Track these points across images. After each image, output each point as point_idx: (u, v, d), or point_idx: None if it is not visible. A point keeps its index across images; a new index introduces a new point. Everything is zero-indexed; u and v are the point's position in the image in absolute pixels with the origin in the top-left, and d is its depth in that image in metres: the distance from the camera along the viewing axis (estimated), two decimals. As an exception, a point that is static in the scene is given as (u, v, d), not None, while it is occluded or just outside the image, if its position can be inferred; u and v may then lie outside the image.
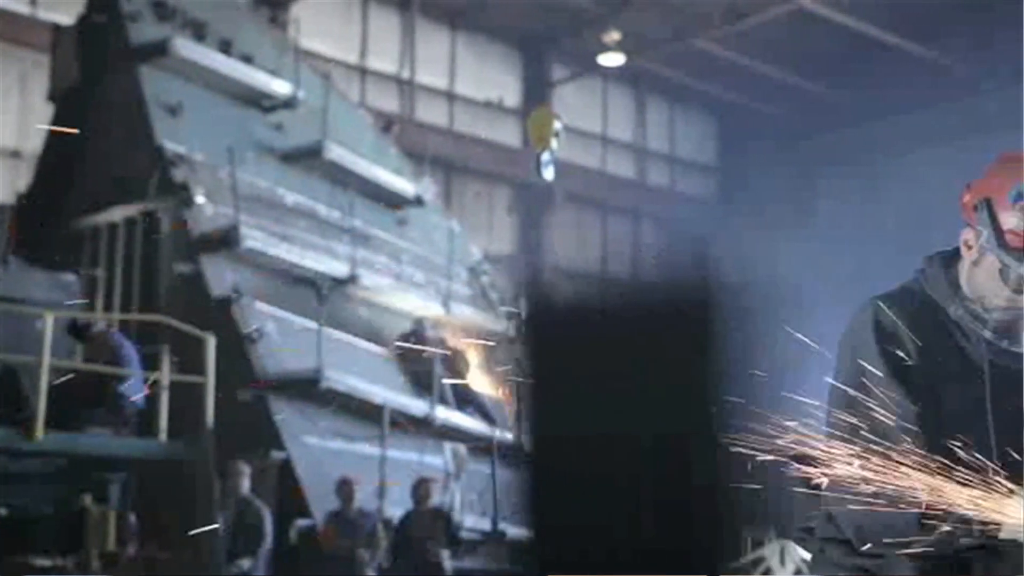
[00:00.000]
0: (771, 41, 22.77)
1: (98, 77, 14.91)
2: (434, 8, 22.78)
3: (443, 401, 14.82)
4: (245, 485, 11.63)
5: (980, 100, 22.00)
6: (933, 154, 21.48)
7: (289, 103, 16.19)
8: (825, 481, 2.66)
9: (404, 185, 17.39)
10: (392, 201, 17.25)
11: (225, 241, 14.11)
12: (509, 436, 15.35)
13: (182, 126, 14.77)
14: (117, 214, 14.49)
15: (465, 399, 15.48)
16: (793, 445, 2.64)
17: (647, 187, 26.00)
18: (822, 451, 2.62)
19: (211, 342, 11.39)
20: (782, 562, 12.95)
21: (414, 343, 15.42)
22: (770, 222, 25.43)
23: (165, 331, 11.85)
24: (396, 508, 12.76)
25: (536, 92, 24.37)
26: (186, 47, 15.01)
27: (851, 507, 2.63)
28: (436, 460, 14.27)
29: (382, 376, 14.73)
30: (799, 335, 2.88)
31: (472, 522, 14.27)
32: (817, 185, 25.40)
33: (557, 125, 15.63)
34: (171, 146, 14.48)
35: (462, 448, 14.43)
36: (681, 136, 26.66)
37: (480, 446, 14.80)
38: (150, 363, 11.33)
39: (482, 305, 17.93)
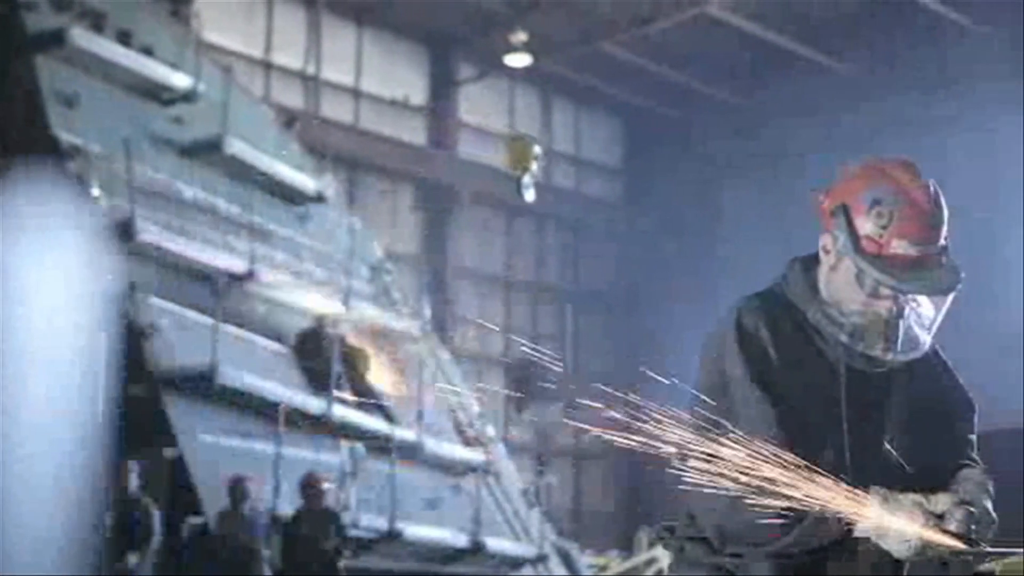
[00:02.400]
0: (677, 46, 22.96)
1: (-8, 66, 14.61)
2: (340, 4, 22.67)
3: (341, 399, 14.73)
4: (133, 482, 11.45)
5: (879, 107, 22.37)
6: (834, 159, 21.75)
7: (189, 96, 15.97)
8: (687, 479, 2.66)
9: (305, 181, 17.25)
10: (293, 197, 17.11)
11: (120, 234, 13.88)
12: (409, 435, 15.37)
13: (78, 117, 14.51)
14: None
15: (364, 397, 15.40)
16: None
17: (552, 188, 26.05)
18: (684, 449, 2.62)
19: (103, 336, 11.20)
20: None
21: (314, 340, 15.33)
22: (675, 224, 25.70)
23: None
24: (291, 507, 12.64)
25: (442, 91, 24.36)
26: (83, 37, 14.74)
27: (711, 506, 2.63)
28: (333, 458, 14.19)
29: (280, 373, 14.61)
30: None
31: (369, 521, 14.23)
32: (722, 188, 25.67)
33: (536, 150, 15.86)
34: (67, 137, 14.21)
35: (359, 447, 14.37)
36: (587, 138, 26.78)
37: (379, 445, 14.75)
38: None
39: (384, 303, 17.85)
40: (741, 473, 2.57)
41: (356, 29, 23.25)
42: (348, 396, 14.97)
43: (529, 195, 15.68)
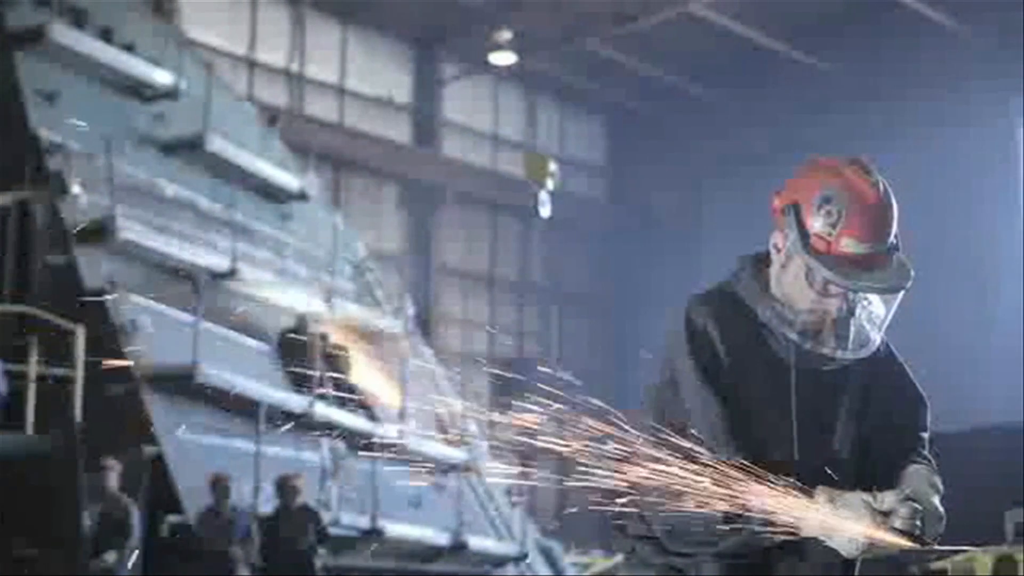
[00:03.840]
0: (661, 44, 22.98)
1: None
2: (324, 2, 22.64)
3: (323, 398, 14.70)
4: (113, 480, 11.41)
5: (862, 108, 22.42)
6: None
7: (170, 93, 15.93)
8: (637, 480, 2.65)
9: (288, 179, 17.23)
10: (276, 195, 17.08)
11: (100, 232, 13.84)
12: (392, 433, 15.33)
13: (59, 114, 14.44)
14: (-10, 202, 14.15)
15: (347, 396, 15.37)
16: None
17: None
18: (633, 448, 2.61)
19: (80, 334, 11.16)
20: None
21: (296, 339, 15.28)
22: (658, 222, 25.72)
23: (36, 323, 11.61)
24: (271, 505, 12.62)
25: (427, 89, 24.33)
26: (64, 34, 14.68)
27: (661, 506, 2.63)
28: (314, 457, 14.17)
29: (261, 372, 14.57)
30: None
31: (350, 519, 14.21)
32: (703, 185, 25.70)
33: (552, 166, 16.12)
34: (47, 134, 14.15)
35: (340, 445, 14.35)
36: (571, 136, 26.77)
37: (361, 443, 14.71)
38: (18, 355, 11.08)
39: (367, 302, 17.83)
40: (689, 473, 2.56)
41: (340, 27, 23.22)
42: (330, 394, 14.95)
43: (545, 211, 16.14)
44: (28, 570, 10.63)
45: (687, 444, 2.61)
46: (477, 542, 15.82)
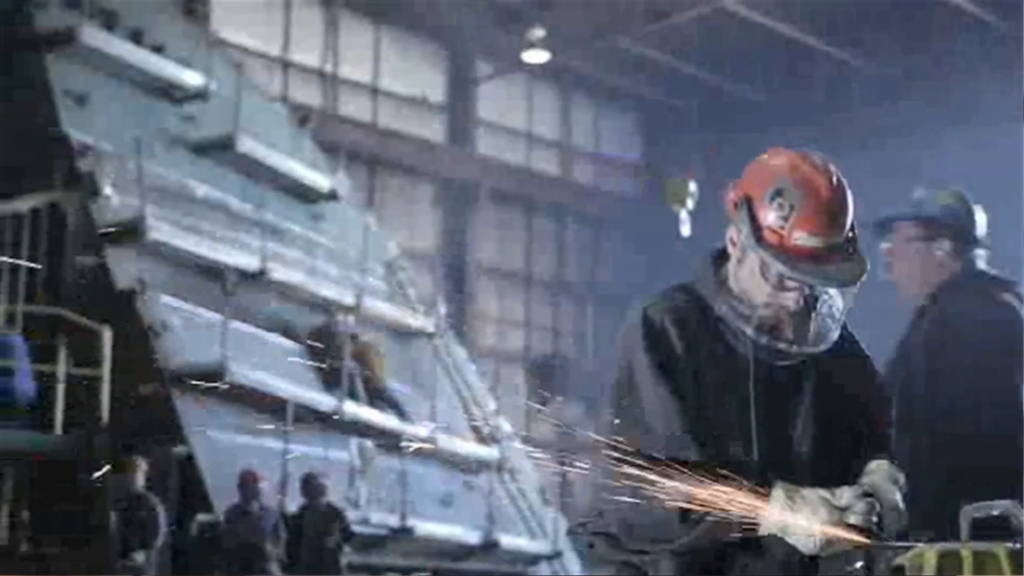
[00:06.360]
0: (694, 40, 22.88)
1: (4, 64, 14.66)
2: (358, 1, 22.67)
3: (353, 396, 14.73)
4: (140, 480, 11.48)
5: (898, 104, 22.22)
6: (853, 156, 21.64)
7: (201, 94, 16.01)
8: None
9: (319, 179, 17.28)
10: (306, 195, 17.13)
11: (131, 233, 13.92)
12: (422, 431, 15.35)
13: (89, 116, 14.57)
14: (22, 204, 14.25)
15: (377, 394, 15.41)
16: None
17: (572, 184, 26.02)
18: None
19: (107, 335, 11.23)
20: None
21: (326, 338, 15.32)
22: (695, 219, 25.56)
23: (66, 324, 11.70)
24: (296, 504, 12.66)
25: (461, 88, 24.34)
26: (94, 35, 14.80)
27: (618, 503, 2.60)
28: (342, 455, 14.19)
29: (291, 370, 14.61)
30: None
31: (380, 518, 14.23)
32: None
33: (692, 187, 16.61)
34: (77, 136, 14.27)
35: (369, 443, 14.37)
36: (606, 133, 26.69)
37: (391, 442, 14.74)
38: (48, 356, 11.16)
39: (399, 301, 17.85)
40: (644, 469, 2.53)
41: (374, 27, 23.25)
42: (360, 393, 14.98)
43: (686, 229, 16.86)
44: (56, 569, 10.71)
45: (645, 439, 2.58)
46: (509, 540, 15.80)
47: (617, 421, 2.66)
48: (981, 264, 4.27)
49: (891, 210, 4.35)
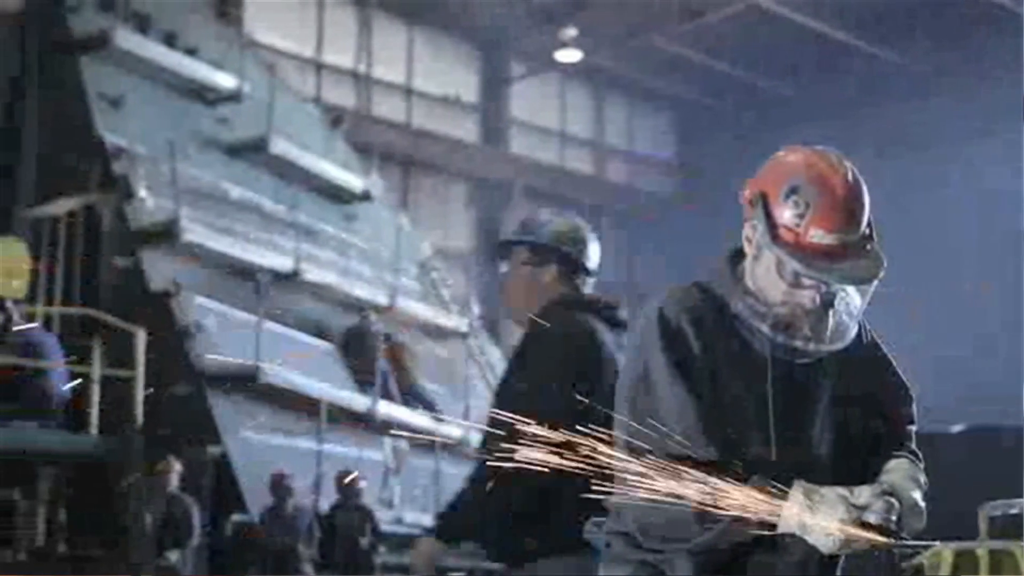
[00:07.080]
0: (727, 38, 22.81)
1: (39, 68, 14.78)
2: (391, 2, 22.72)
3: (387, 396, 14.75)
4: (174, 480, 11.54)
5: (931, 99, 22.08)
6: (888, 152, 21.53)
7: (234, 96, 16.09)
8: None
9: (352, 180, 17.32)
10: (339, 196, 17.18)
11: (165, 235, 14.01)
12: (455, 431, 15.35)
13: (124, 119, 14.66)
14: (58, 207, 14.35)
15: (411, 394, 15.41)
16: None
17: (606, 183, 25.98)
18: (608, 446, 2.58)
19: (141, 336, 11.28)
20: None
21: (359, 338, 15.35)
22: (730, 219, 25.47)
23: (100, 325, 11.76)
24: (329, 503, 12.69)
25: (494, 88, 24.36)
26: (128, 39, 14.90)
27: (635, 502, 2.58)
28: (376, 455, 14.22)
29: (324, 371, 14.65)
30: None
31: (414, 517, 14.23)
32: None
33: None
34: (112, 139, 14.36)
35: (403, 443, 14.37)
36: (640, 132, 26.65)
37: (425, 442, 14.74)
38: (83, 357, 11.20)
39: (433, 301, 17.88)
40: (661, 468, 2.52)
41: (407, 27, 23.31)
42: (394, 393, 14.99)
43: None
44: (92, 570, 10.76)
45: (662, 438, 2.57)
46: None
47: (633, 422, 2.64)
48: (587, 290, 4.27)
49: (512, 234, 4.36)
